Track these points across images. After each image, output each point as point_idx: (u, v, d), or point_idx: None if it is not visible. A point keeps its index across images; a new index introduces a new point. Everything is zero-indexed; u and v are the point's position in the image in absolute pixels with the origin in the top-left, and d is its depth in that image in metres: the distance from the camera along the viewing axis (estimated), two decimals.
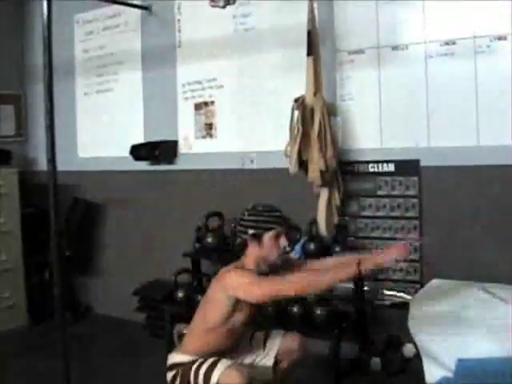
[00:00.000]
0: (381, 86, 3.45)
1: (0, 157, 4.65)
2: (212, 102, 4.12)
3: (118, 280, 4.57)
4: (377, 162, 3.49)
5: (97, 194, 4.72)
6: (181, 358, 2.42)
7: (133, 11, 4.42)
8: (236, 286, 2.28)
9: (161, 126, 4.37)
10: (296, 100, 3.35)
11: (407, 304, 2.90)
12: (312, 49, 3.34)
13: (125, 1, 4.35)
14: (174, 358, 2.45)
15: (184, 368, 2.37)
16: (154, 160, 4.35)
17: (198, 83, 4.16)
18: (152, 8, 4.38)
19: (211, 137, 4.14)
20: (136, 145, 4.36)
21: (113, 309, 4.58)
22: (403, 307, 3.04)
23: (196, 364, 2.34)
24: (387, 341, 3.40)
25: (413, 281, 3.41)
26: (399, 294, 3.45)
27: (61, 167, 2.70)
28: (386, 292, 3.49)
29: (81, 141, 4.88)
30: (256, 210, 2.42)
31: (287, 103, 3.38)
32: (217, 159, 4.08)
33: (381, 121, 3.46)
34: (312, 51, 3.34)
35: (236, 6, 3.90)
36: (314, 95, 3.33)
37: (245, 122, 3.97)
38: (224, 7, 3.89)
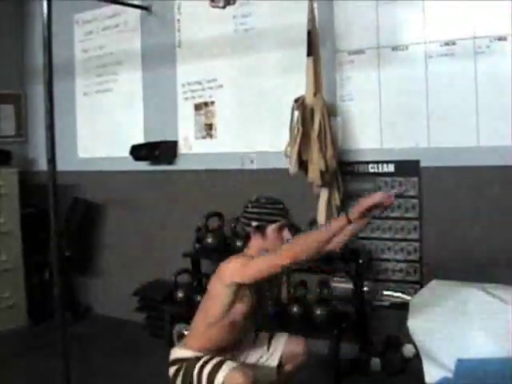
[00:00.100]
0: (381, 87, 3.45)
1: (0, 157, 4.64)
2: (212, 103, 4.12)
3: (118, 280, 4.57)
4: (377, 163, 3.49)
5: (97, 194, 4.72)
6: (183, 353, 2.41)
7: (132, 11, 4.41)
8: (232, 272, 2.26)
9: (161, 127, 4.37)
10: (296, 100, 3.36)
11: (407, 304, 2.90)
12: (312, 49, 3.34)
13: (124, 1, 4.35)
14: (177, 353, 2.44)
15: (187, 365, 2.35)
16: (154, 160, 4.35)
17: (198, 83, 4.16)
18: (152, 8, 4.38)
19: (211, 137, 4.14)
20: (136, 145, 4.37)
21: (113, 309, 4.57)
22: (403, 308, 3.04)
23: (199, 363, 2.32)
24: (387, 341, 3.40)
25: (412, 281, 3.42)
26: (399, 295, 3.45)
27: (61, 167, 2.71)
28: (386, 292, 3.50)
29: (81, 141, 4.88)
30: (259, 203, 2.42)
31: (287, 103, 3.38)
32: (217, 159, 4.08)
33: (381, 121, 3.47)
34: (312, 51, 3.34)
35: (236, 6, 3.91)
36: (314, 95, 3.34)
37: (245, 123, 3.97)
38: (224, 7, 3.90)
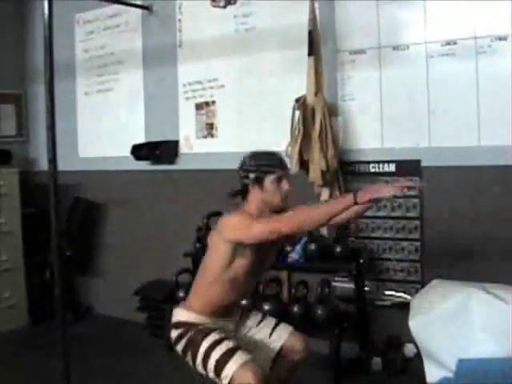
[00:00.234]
0: (382, 86, 3.45)
1: (0, 157, 4.64)
2: (213, 102, 4.12)
3: (119, 280, 4.57)
4: (378, 162, 3.49)
5: (98, 194, 4.72)
6: (187, 317, 2.36)
7: (133, 11, 4.41)
8: (234, 230, 2.24)
9: (162, 126, 4.37)
10: (297, 100, 3.36)
11: (408, 304, 2.90)
12: (313, 49, 3.35)
13: (125, 0, 4.35)
14: (179, 315, 2.40)
15: (191, 335, 2.30)
16: (155, 160, 4.35)
17: (199, 83, 4.16)
18: (153, 8, 4.38)
19: (212, 137, 4.14)
20: (137, 145, 4.37)
21: (113, 309, 4.57)
22: (404, 307, 3.05)
23: (206, 339, 2.26)
24: (388, 341, 3.40)
25: (413, 281, 3.42)
26: (400, 294, 3.45)
27: (62, 167, 2.70)
28: (387, 292, 3.50)
29: (82, 141, 4.88)
30: (257, 155, 2.38)
31: (288, 103, 3.39)
32: (218, 159, 4.07)
33: (382, 121, 3.46)
34: (313, 51, 3.34)
35: (237, 6, 3.91)
36: (315, 95, 3.34)
37: (246, 122, 3.97)
38: (225, 7, 3.90)
